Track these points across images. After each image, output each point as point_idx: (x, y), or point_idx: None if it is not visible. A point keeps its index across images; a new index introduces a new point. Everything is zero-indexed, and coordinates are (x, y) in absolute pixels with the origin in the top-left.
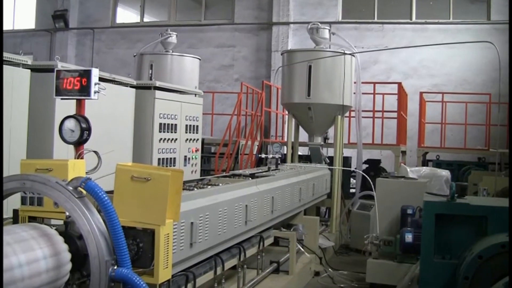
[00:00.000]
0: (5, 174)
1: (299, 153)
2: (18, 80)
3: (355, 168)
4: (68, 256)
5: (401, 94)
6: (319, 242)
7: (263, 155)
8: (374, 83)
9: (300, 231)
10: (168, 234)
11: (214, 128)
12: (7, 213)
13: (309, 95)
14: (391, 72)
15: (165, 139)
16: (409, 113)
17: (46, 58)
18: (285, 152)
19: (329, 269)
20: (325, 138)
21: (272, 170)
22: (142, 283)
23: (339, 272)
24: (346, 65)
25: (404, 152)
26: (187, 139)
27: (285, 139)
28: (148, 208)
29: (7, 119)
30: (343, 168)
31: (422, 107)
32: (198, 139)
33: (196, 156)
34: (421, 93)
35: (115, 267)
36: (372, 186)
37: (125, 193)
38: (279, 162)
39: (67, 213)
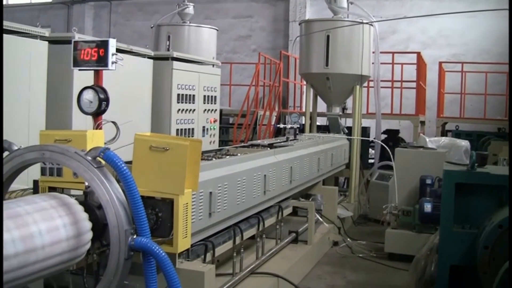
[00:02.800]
0: (24, 145)
1: (318, 123)
2: (36, 52)
3: (374, 138)
4: (88, 225)
5: (420, 64)
6: (337, 212)
7: (281, 126)
8: (393, 53)
9: (318, 201)
10: (187, 203)
11: (232, 99)
12: (28, 184)
13: (327, 65)
14: (410, 42)
15: (183, 109)
16: (428, 83)
17: (64, 31)
18: (303, 122)
19: (348, 239)
20: (344, 108)
21: (291, 140)
22: (161, 252)
23: (357, 242)
24: (364, 34)
25: (423, 123)
26: (205, 110)
27: (303, 110)
28: (167, 178)
29: (26, 91)
30: (361, 138)
31: (441, 77)
32: (216, 110)
33: (214, 127)
34: (440, 63)
35: (135, 236)
36: (391, 156)
37: (143, 163)
38: (297, 132)
39: (86, 183)
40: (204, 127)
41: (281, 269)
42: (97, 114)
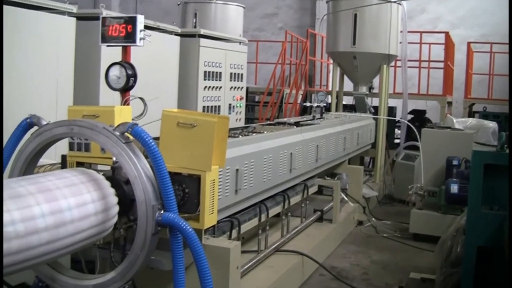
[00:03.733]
0: (52, 120)
1: (344, 102)
2: (64, 29)
3: (400, 118)
4: (115, 199)
5: (448, 44)
6: (362, 191)
7: (307, 104)
8: (421, 32)
9: (344, 180)
10: (214, 180)
11: (258, 77)
12: (56, 159)
13: (354, 44)
14: (438, 22)
15: (209, 87)
16: (456, 64)
17: (91, 8)
18: (329, 101)
19: (373, 219)
20: (370, 88)
21: (317, 118)
22: (188, 227)
23: (382, 222)
24: (392, 13)
25: (450, 103)
26: (232, 87)
27: (330, 88)
28: (194, 154)
29: (54, 67)
30: (388, 118)
31: (470, 58)
32: (242, 87)
33: (241, 104)
34: (468, 43)
35: (162, 212)
36: (417, 137)
37: (171, 139)
38: (323, 111)
39: (114, 159)
40: (230, 104)
41: (306, 247)
42: (124, 90)
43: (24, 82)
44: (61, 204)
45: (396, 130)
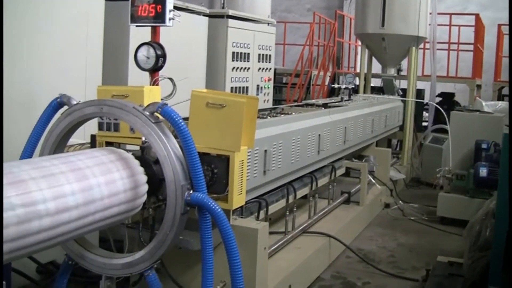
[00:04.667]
0: (82, 100)
1: (372, 84)
2: (93, 9)
3: (428, 101)
4: (144, 178)
5: (478, 26)
6: (390, 174)
7: (336, 86)
8: (450, 14)
9: (371, 162)
10: (242, 160)
11: (286, 59)
12: (85, 139)
13: (383, 25)
14: (468, 3)
15: (237, 68)
16: (485, 46)
17: None
18: (357, 83)
19: (400, 202)
20: (399, 70)
21: (345, 100)
22: (217, 207)
23: (409, 204)
24: None
25: (479, 86)
26: (260, 69)
27: (358, 70)
28: (223, 135)
29: (83, 47)
30: (416, 100)
31: (500, 40)
32: (270, 69)
33: (269, 86)
34: (499, 25)
35: (191, 192)
36: (446, 119)
37: (200, 119)
38: (351, 92)
39: (143, 138)
40: (258, 85)
41: (333, 229)
42: (154, 71)
43: (53, 63)
44: (90, 182)
45: (424, 112)
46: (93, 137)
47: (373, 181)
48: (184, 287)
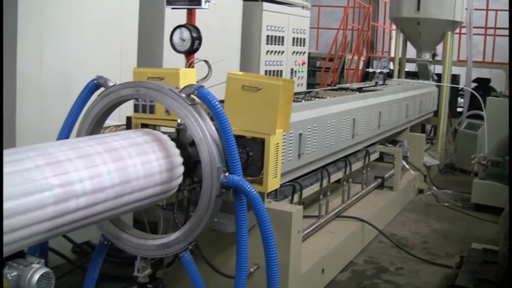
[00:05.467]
0: (118, 82)
1: (406, 69)
2: None
3: (464, 86)
4: (180, 159)
5: None
6: (424, 159)
7: (370, 70)
8: None
9: (405, 147)
10: (278, 143)
11: (320, 43)
12: (120, 121)
13: (418, 9)
14: None
15: (272, 51)
16: None
17: None
18: (392, 68)
19: (433, 188)
20: (434, 55)
21: (380, 85)
22: (253, 190)
23: (443, 191)
24: None
25: None
26: (294, 52)
27: (392, 55)
28: (259, 118)
29: (119, 30)
30: (451, 85)
31: None
32: (304, 52)
33: (303, 69)
34: None
35: (227, 174)
36: (482, 105)
37: (235, 102)
38: (386, 77)
39: (179, 120)
40: (292, 69)
41: (366, 213)
42: (189, 53)
43: (89, 45)
44: (126, 163)
45: (459, 98)
46: (128, 119)
47: (407, 166)
48: (218, 269)
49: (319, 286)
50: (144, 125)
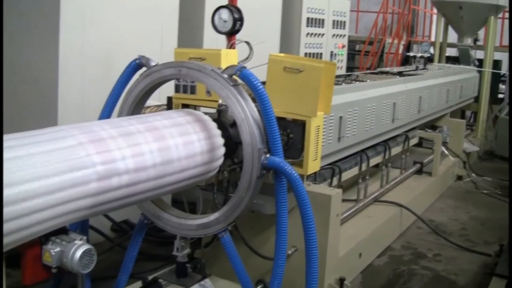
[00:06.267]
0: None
1: (447, 54)
2: None
3: (506, 72)
4: (221, 140)
5: None
6: (463, 146)
7: (411, 54)
8: None
9: (445, 133)
10: (318, 126)
11: (359, 26)
12: (160, 101)
13: None
14: None
15: (312, 33)
16: None
17: None
18: (432, 52)
19: (472, 174)
20: (475, 40)
21: (420, 69)
22: (294, 172)
23: (482, 178)
24: None
25: None
26: (334, 35)
27: (433, 39)
28: (300, 100)
29: (159, 11)
30: (492, 71)
31: None
32: (344, 35)
33: (342, 53)
34: None
35: (268, 156)
36: None
37: (277, 83)
38: (426, 62)
39: (220, 101)
40: (332, 52)
41: (404, 199)
42: (231, 34)
43: (131, 25)
44: (168, 143)
45: (500, 84)
46: (169, 99)
47: (446, 152)
48: (256, 250)
49: (356, 270)
50: (184, 105)
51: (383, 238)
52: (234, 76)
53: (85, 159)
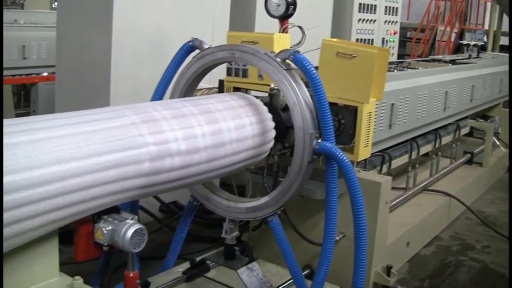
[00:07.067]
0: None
1: (501, 42)
2: None
3: None
4: (272, 124)
5: None
6: None
7: (464, 42)
8: None
9: (496, 123)
10: (370, 112)
11: (411, 13)
12: (211, 83)
13: None
14: None
15: (364, 19)
16: None
17: None
18: (486, 41)
19: None
20: None
21: (473, 58)
22: (345, 158)
23: None
24: None
25: None
26: (386, 21)
27: (486, 27)
28: (352, 85)
29: None
30: None
31: None
32: (396, 22)
33: (394, 39)
34: None
35: (319, 141)
36: None
37: (329, 69)
38: (480, 50)
39: (272, 85)
40: (383, 38)
41: (454, 188)
42: (284, 18)
43: (183, 8)
44: (221, 126)
45: None
46: (221, 82)
47: (498, 143)
48: (304, 235)
49: (403, 258)
50: (236, 89)
51: (431, 227)
52: (287, 60)
53: (138, 138)
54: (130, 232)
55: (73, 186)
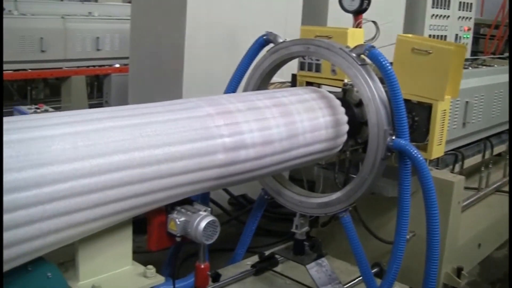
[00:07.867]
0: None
1: None
2: None
3: None
4: (345, 118)
5: None
6: None
7: None
8: None
9: None
10: (445, 110)
11: (484, 8)
12: (284, 77)
13: None
14: None
15: (437, 15)
16: None
17: None
18: None
19: None
20: None
21: None
22: (420, 155)
23: None
24: None
25: None
26: (460, 17)
27: None
28: (427, 82)
29: None
30: None
31: None
32: (471, 18)
33: (468, 36)
34: None
35: (393, 138)
36: None
37: (404, 65)
38: None
39: (346, 80)
40: (457, 35)
41: None
42: (358, 13)
43: (254, 2)
44: (294, 118)
45: None
46: (293, 76)
47: None
48: (374, 232)
49: (474, 260)
50: (308, 83)
51: (504, 230)
52: (362, 56)
53: (214, 130)
54: (203, 224)
55: (150, 174)
